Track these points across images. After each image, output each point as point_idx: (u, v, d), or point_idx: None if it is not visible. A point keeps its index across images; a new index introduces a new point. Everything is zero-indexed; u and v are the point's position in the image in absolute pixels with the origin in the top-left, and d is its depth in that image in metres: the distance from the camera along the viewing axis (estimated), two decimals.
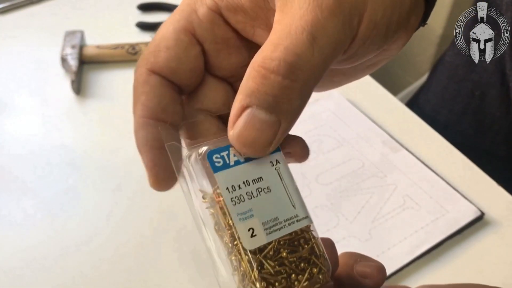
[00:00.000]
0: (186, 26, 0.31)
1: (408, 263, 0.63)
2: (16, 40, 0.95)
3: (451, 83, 0.85)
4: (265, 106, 0.28)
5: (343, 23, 0.28)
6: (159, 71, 0.31)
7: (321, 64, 0.28)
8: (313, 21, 0.27)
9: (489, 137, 0.82)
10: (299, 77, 0.27)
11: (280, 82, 0.27)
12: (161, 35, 0.32)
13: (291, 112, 0.28)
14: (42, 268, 0.63)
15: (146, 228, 0.67)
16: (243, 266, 0.29)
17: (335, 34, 0.28)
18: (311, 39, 0.27)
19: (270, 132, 0.28)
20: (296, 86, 0.27)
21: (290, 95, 0.28)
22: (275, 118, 0.28)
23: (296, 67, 0.27)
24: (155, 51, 0.31)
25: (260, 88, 0.27)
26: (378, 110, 0.83)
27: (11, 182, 0.72)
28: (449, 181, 0.72)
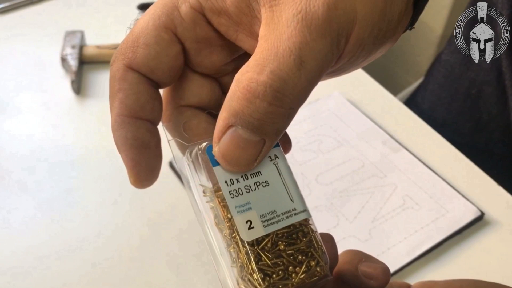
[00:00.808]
0: (167, 23, 0.30)
1: (408, 263, 0.64)
2: (16, 40, 0.95)
3: (447, 81, 0.85)
4: (249, 128, 0.28)
5: (331, 45, 0.27)
6: (137, 68, 0.30)
7: (307, 87, 0.27)
8: (301, 43, 0.26)
9: (486, 135, 0.83)
10: (285, 102, 0.27)
11: (265, 107, 0.27)
12: (140, 29, 0.30)
13: (276, 132, 0.28)
14: (42, 268, 0.63)
15: (146, 228, 0.67)
16: (241, 258, 0.29)
17: (322, 56, 0.27)
18: (299, 63, 0.27)
19: (254, 150, 0.29)
20: (281, 111, 0.27)
21: (275, 119, 0.27)
22: (259, 138, 0.28)
23: (282, 93, 0.27)
24: (133, 46, 0.30)
25: (245, 110, 0.27)
26: (378, 110, 0.83)
27: (11, 182, 0.72)
28: (449, 181, 0.72)
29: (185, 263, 0.64)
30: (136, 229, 0.67)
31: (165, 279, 0.62)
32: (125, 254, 0.64)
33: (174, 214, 0.68)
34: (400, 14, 0.30)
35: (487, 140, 0.83)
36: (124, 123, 0.31)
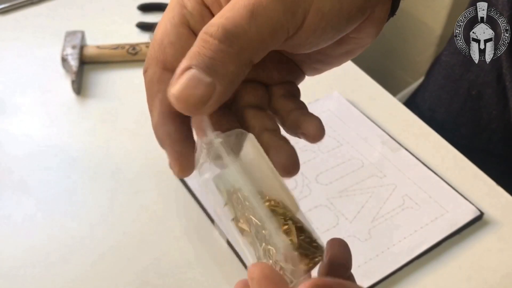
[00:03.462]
0: (181, 20, 0.33)
1: (407, 262, 0.64)
2: (16, 41, 0.95)
3: (447, 82, 0.85)
4: (202, 67, 0.30)
5: (284, 10, 0.30)
6: (170, 66, 0.32)
7: (257, 38, 0.30)
8: (256, 0, 0.30)
9: (486, 136, 0.83)
10: (234, 43, 0.30)
11: (216, 45, 0.29)
12: (161, 32, 0.33)
13: (225, 76, 0.30)
14: (43, 268, 0.63)
15: (146, 228, 0.67)
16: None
17: (274, 16, 0.30)
18: (250, 14, 0.30)
19: (205, 91, 0.30)
20: (231, 52, 0.30)
21: (225, 59, 0.30)
22: (210, 79, 0.30)
23: (232, 34, 0.30)
24: (160, 49, 0.33)
25: (200, 50, 0.30)
26: (378, 110, 0.84)
27: (12, 182, 0.72)
28: (448, 181, 0.73)
29: (185, 262, 0.64)
30: (136, 228, 0.67)
31: (166, 279, 0.62)
32: (125, 254, 0.64)
33: (175, 214, 0.68)
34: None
35: (487, 141, 0.83)
36: (166, 119, 0.33)
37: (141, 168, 0.74)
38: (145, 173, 0.73)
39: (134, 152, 0.76)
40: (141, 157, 0.75)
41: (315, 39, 0.33)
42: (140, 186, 0.71)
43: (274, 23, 0.30)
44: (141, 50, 0.89)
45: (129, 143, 0.77)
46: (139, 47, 0.90)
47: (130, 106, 0.83)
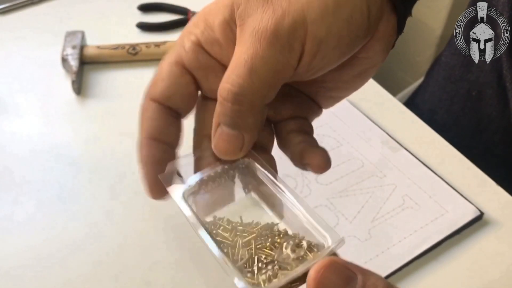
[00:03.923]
0: (176, 59, 0.38)
1: (407, 262, 0.64)
2: (16, 41, 0.95)
3: (448, 83, 0.85)
4: (226, 124, 0.35)
5: (281, 50, 0.33)
6: (158, 99, 0.38)
7: (262, 88, 0.34)
8: (253, 54, 0.33)
9: (487, 137, 0.83)
10: (244, 102, 0.34)
11: (230, 107, 0.34)
12: (159, 70, 0.38)
13: (247, 126, 0.35)
14: (43, 267, 0.63)
15: (147, 228, 0.67)
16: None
17: (273, 61, 0.33)
18: (250, 70, 0.33)
19: (237, 142, 0.36)
20: (243, 109, 0.34)
21: (241, 115, 0.35)
22: (237, 132, 0.35)
23: (239, 94, 0.34)
24: (154, 83, 0.38)
25: (221, 111, 0.35)
26: (378, 110, 0.84)
27: (12, 182, 0.72)
28: (448, 181, 0.73)
29: (186, 262, 0.64)
30: (137, 228, 0.67)
31: (166, 279, 0.62)
32: (126, 254, 0.64)
33: (176, 213, 0.68)
34: (363, 13, 0.35)
35: (487, 141, 0.83)
36: (144, 144, 0.39)
37: None
38: None
39: (134, 152, 0.76)
40: None
41: (318, 63, 0.35)
42: (140, 186, 0.71)
43: (275, 67, 0.34)
44: (141, 50, 0.90)
45: (130, 143, 0.77)
46: (139, 47, 0.90)
47: (130, 106, 0.83)
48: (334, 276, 0.29)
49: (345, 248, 0.65)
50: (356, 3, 0.34)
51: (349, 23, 0.34)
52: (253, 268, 0.33)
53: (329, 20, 0.34)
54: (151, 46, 0.90)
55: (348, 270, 0.29)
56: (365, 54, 0.38)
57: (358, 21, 0.35)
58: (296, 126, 0.41)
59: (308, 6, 0.33)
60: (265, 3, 0.34)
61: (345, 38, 0.35)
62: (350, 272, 0.29)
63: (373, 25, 0.36)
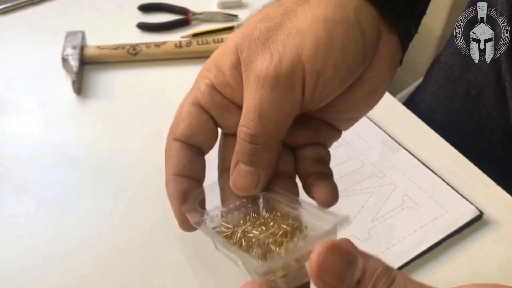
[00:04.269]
0: (193, 100, 0.41)
1: (407, 262, 0.64)
2: (17, 41, 0.95)
3: (447, 83, 0.85)
4: (244, 161, 0.38)
5: (284, 91, 0.36)
6: (179, 138, 0.40)
7: (274, 128, 0.37)
8: (259, 99, 0.37)
9: (485, 137, 0.83)
10: (259, 141, 0.37)
11: (248, 145, 0.38)
12: (179, 111, 0.41)
13: (264, 163, 0.39)
14: (44, 267, 0.63)
15: (147, 228, 0.67)
16: None
17: (278, 103, 0.37)
18: (260, 115, 0.37)
19: (253, 178, 0.39)
20: (259, 147, 0.38)
21: (258, 153, 0.38)
22: (254, 169, 0.39)
23: (254, 135, 0.37)
24: (175, 124, 0.41)
25: (240, 149, 0.38)
26: (378, 110, 0.83)
27: (12, 182, 0.72)
28: (448, 181, 0.73)
29: (186, 262, 0.64)
30: (137, 228, 0.67)
31: (167, 279, 0.62)
32: (127, 254, 0.65)
33: None
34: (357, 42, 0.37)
35: (486, 141, 0.83)
36: (173, 180, 0.41)
37: (141, 168, 0.74)
38: (146, 172, 0.73)
39: (134, 152, 0.76)
40: (141, 156, 0.75)
41: (320, 94, 0.38)
42: (141, 186, 0.72)
43: (280, 107, 0.37)
44: (141, 51, 0.90)
45: (130, 143, 0.77)
46: (139, 47, 0.90)
47: (131, 106, 0.83)
48: (335, 259, 0.29)
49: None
50: (348, 34, 0.37)
51: (343, 53, 0.37)
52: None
53: (323, 53, 0.36)
54: (151, 46, 0.90)
55: (349, 254, 0.30)
56: (371, 74, 0.40)
57: (352, 50, 0.37)
58: (313, 153, 0.43)
59: (302, 45, 0.36)
60: (263, 48, 0.37)
61: (341, 67, 0.37)
62: (351, 255, 0.30)
63: (371, 49, 0.38)
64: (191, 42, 0.91)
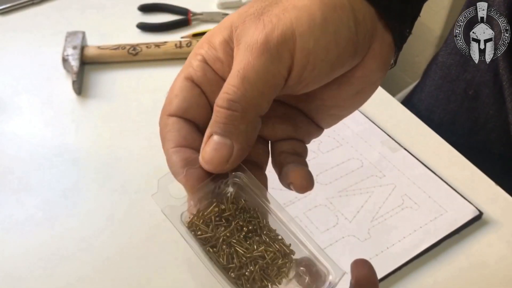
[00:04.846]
0: (186, 75, 0.40)
1: (406, 262, 0.64)
2: (17, 41, 0.95)
3: (444, 83, 0.86)
4: (219, 132, 0.36)
5: (271, 59, 0.36)
6: (174, 113, 0.39)
7: (255, 95, 0.36)
8: (245, 64, 0.36)
9: (483, 136, 0.83)
10: (237, 107, 0.36)
11: (224, 112, 0.36)
12: (171, 88, 0.40)
13: (239, 135, 0.37)
14: (44, 268, 0.63)
15: (148, 228, 0.67)
16: None
17: (264, 70, 0.36)
18: (242, 78, 0.35)
19: (226, 151, 0.37)
20: (237, 115, 0.36)
21: (234, 122, 0.36)
22: (228, 141, 0.36)
23: (233, 100, 0.36)
24: (169, 101, 0.40)
25: (215, 119, 0.36)
26: (377, 110, 0.84)
27: (13, 182, 0.72)
28: (448, 181, 0.73)
29: (187, 263, 0.64)
30: (138, 228, 0.67)
31: (168, 279, 0.62)
32: (128, 254, 0.65)
33: None
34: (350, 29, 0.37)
35: (484, 140, 0.83)
36: (173, 153, 0.39)
37: (142, 168, 0.74)
38: (147, 172, 0.73)
39: (134, 152, 0.76)
40: (142, 156, 0.75)
41: (309, 75, 0.37)
42: (142, 185, 0.72)
43: (265, 75, 0.36)
44: (141, 51, 0.90)
45: (130, 143, 0.77)
46: (140, 47, 0.90)
47: (131, 106, 0.83)
48: None
49: (345, 248, 0.65)
50: (342, 20, 0.37)
51: (336, 37, 0.36)
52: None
53: (317, 33, 0.36)
54: (152, 46, 0.90)
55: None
56: (361, 72, 0.39)
57: (345, 36, 0.37)
58: (290, 147, 0.43)
59: (297, 20, 0.36)
60: (257, 21, 0.37)
61: (333, 51, 0.37)
62: None
63: (363, 41, 0.38)
64: (191, 42, 0.91)
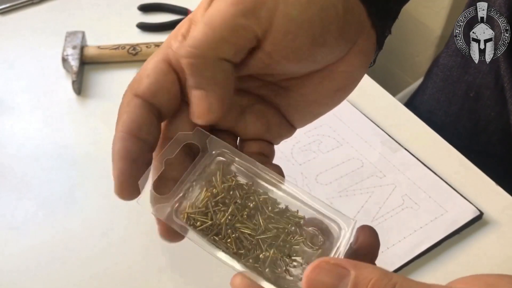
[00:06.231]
0: (163, 57, 0.37)
1: (407, 262, 0.64)
2: (17, 41, 0.95)
3: (446, 84, 0.86)
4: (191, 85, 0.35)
5: (245, 11, 0.34)
6: (141, 95, 0.37)
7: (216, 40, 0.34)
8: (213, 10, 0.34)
9: (485, 138, 0.83)
10: (197, 54, 0.34)
11: (187, 62, 0.35)
12: (144, 67, 0.38)
13: (208, 82, 0.35)
14: (44, 268, 0.63)
15: (148, 227, 0.67)
16: None
17: (232, 19, 0.34)
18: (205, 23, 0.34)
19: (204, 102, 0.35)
20: (199, 61, 0.34)
21: (198, 70, 0.35)
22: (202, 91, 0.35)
23: (193, 46, 0.34)
24: (139, 79, 0.37)
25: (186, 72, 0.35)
26: (378, 110, 0.84)
27: (13, 182, 0.72)
28: (448, 181, 0.73)
29: (188, 264, 0.64)
30: (138, 228, 0.67)
31: (168, 279, 0.62)
32: (127, 254, 0.65)
33: None
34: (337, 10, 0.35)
35: (486, 142, 0.83)
36: (121, 138, 0.37)
37: None
38: None
39: None
40: None
41: (290, 44, 0.35)
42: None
43: (233, 24, 0.34)
44: (141, 51, 0.90)
45: None
46: (140, 47, 0.90)
47: None
48: (324, 277, 0.29)
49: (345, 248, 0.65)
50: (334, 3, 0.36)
51: (321, 13, 0.35)
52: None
53: (303, 4, 0.35)
54: (152, 46, 0.90)
55: (339, 268, 0.29)
56: (345, 68, 0.39)
57: (331, 15, 0.35)
58: (257, 148, 0.42)
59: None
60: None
61: (317, 26, 0.35)
62: (341, 269, 0.29)
63: (349, 31, 0.37)
64: None
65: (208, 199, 0.36)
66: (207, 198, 0.36)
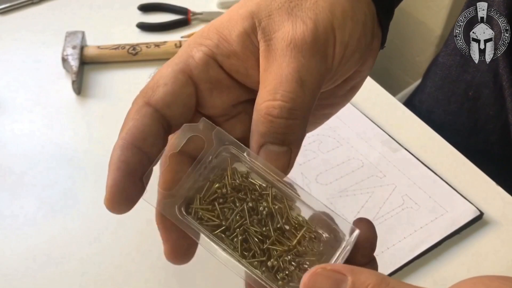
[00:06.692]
0: (183, 68, 0.35)
1: (407, 262, 0.64)
2: (17, 41, 0.95)
3: (445, 84, 0.86)
4: (276, 142, 0.34)
5: (322, 58, 0.34)
6: (154, 104, 0.34)
7: (312, 98, 0.34)
8: (298, 66, 0.33)
9: (484, 137, 0.83)
10: (297, 115, 0.34)
11: (284, 123, 0.33)
12: (160, 74, 0.35)
13: (297, 140, 0.35)
14: (43, 267, 0.63)
15: (148, 227, 0.67)
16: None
17: (317, 71, 0.34)
18: (301, 83, 0.33)
19: (286, 158, 0.34)
20: (297, 122, 0.34)
21: (294, 129, 0.34)
22: (286, 148, 0.34)
23: (294, 108, 0.33)
24: (153, 86, 0.35)
25: (270, 130, 0.34)
26: (378, 110, 0.84)
27: (12, 182, 0.72)
28: (448, 181, 0.73)
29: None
30: (138, 228, 0.67)
31: (167, 279, 0.62)
32: (127, 254, 0.65)
33: None
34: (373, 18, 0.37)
35: (485, 141, 0.83)
36: (122, 147, 0.35)
37: None
38: None
39: None
40: None
41: (342, 68, 0.37)
42: None
43: (319, 76, 0.34)
44: (141, 51, 0.90)
45: None
46: (139, 47, 0.90)
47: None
48: (322, 283, 0.29)
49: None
50: (365, 11, 0.37)
51: (364, 26, 0.36)
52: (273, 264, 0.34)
53: (350, 25, 0.36)
54: (151, 46, 0.90)
55: (336, 273, 0.29)
56: (361, 67, 0.39)
57: (370, 25, 0.37)
58: None
59: (332, 14, 0.35)
60: (290, 16, 0.35)
61: (362, 41, 0.37)
62: (338, 274, 0.29)
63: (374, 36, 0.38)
64: None
65: (215, 194, 0.35)
66: (214, 193, 0.35)
